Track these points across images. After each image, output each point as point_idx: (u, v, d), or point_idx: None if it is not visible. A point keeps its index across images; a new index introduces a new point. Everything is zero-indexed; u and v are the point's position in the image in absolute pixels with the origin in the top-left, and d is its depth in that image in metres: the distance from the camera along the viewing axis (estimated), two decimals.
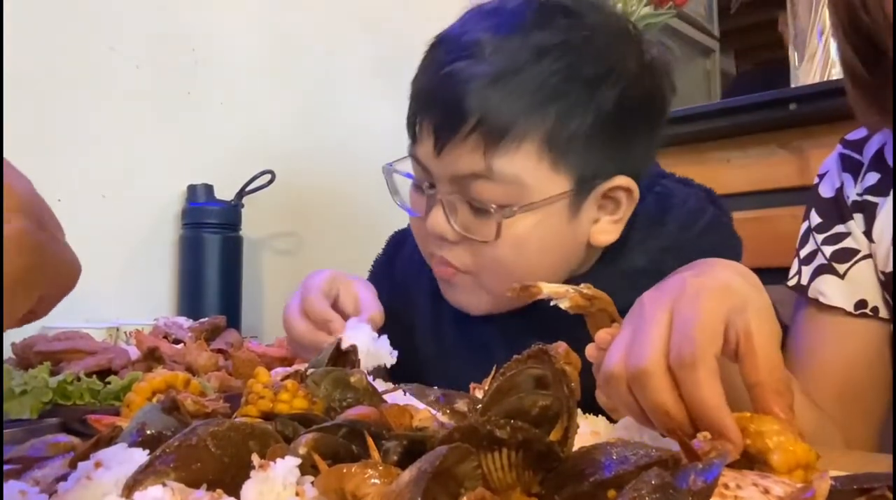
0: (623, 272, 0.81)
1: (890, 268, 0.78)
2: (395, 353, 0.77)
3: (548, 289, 0.60)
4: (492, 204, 0.74)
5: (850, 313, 0.79)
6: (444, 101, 0.75)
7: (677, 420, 0.47)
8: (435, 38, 0.81)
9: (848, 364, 0.79)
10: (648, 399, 0.48)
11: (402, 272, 0.99)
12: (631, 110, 0.77)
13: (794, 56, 1.55)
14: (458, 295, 0.84)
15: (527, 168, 0.74)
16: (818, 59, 1.49)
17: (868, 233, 0.80)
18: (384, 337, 0.78)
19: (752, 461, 0.44)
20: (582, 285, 0.59)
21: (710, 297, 0.50)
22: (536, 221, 0.76)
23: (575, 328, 0.60)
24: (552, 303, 0.60)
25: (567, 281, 0.80)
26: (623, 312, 0.64)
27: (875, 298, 0.79)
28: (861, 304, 0.79)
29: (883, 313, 0.79)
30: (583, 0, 0.80)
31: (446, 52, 0.78)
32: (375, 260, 1.07)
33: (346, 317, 0.82)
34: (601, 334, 0.61)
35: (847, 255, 0.81)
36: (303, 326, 0.82)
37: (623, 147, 0.78)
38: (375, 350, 0.76)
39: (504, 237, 0.75)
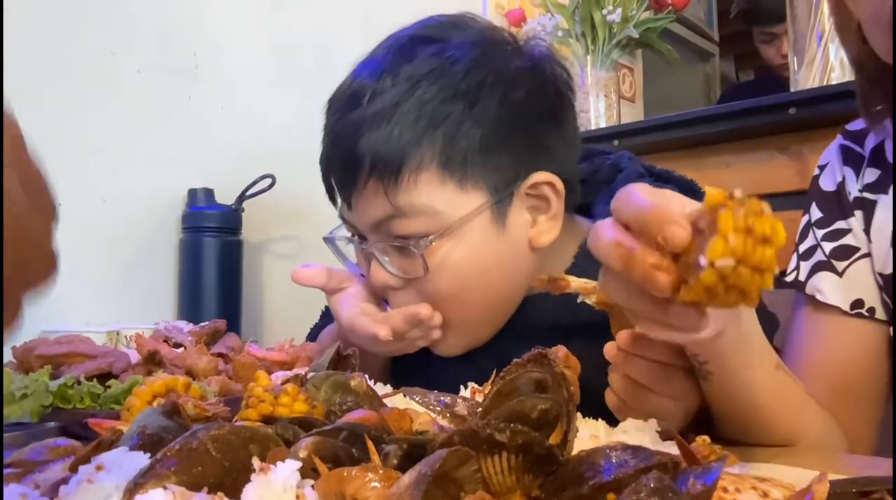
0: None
1: (887, 270, 0.77)
2: None
3: (576, 284, 0.59)
4: (410, 240, 0.75)
5: (846, 313, 0.79)
6: (338, 158, 0.78)
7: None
8: (336, 89, 0.84)
9: (843, 364, 0.78)
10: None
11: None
12: (520, 111, 0.77)
13: (793, 61, 1.56)
14: (439, 344, 0.82)
15: (432, 195, 0.75)
16: (817, 63, 1.50)
17: (868, 231, 0.79)
18: None
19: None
20: None
21: None
22: (457, 243, 0.76)
23: (560, 338, 0.60)
24: (579, 300, 0.60)
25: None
26: (594, 326, 0.63)
27: (872, 298, 0.78)
28: (857, 303, 0.78)
29: (880, 314, 0.78)
30: (447, 24, 0.82)
31: (332, 112, 0.81)
32: None
33: None
34: (623, 335, 0.60)
35: (847, 252, 0.80)
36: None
37: (529, 146, 0.78)
38: None
39: (433, 269, 0.76)
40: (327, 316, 1.04)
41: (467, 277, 0.77)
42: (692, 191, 0.89)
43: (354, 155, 0.75)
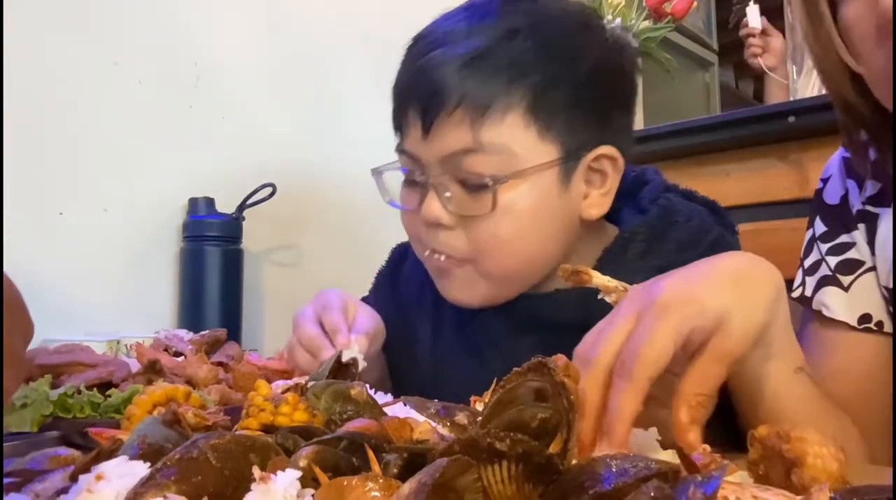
0: None
1: (892, 284, 0.76)
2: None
3: (598, 280, 0.60)
4: (485, 175, 0.77)
5: (853, 328, 0.78)
6: (427, 83, 0.78)
7: (588, 407, 0.50)
8: (410, 40, 0.85)
9: (854, 378, 0.77)
10: (582, 382, 0.51)
11: (405, 283, 1.01)
12: (604, 84, 0.82)
13: (792, 69, 1.56)
14: (457, 288, 0.84)
15: (514, 137, 0.77)
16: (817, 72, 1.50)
17: (871, 244, 0.78)
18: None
19: (789, 465, 0.43)
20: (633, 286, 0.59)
21: (673, 315, 0.52)
22: (528, 188, 0.78)
23: (572, 338, 0.60)
24: (599, 297, 0.60)
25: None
26: None
27: (879, 312, 0.77)
28: (865, 318, 0.78)
29: (888, 327, 0.77)
30: None
31: (423, 45, 0.82)
32: (379, 272, 1.08)
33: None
34: None
35: (852, 266, 0.79)
36: (313, 331, 0.82)
37: (602, 119, 0.82)
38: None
39: (499, 208, 0.77)
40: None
41: (525, 225, 0.79)
42: (715, 212, 0.90)
43: (447, 83, 0.77)
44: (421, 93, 0.79)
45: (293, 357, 0.84)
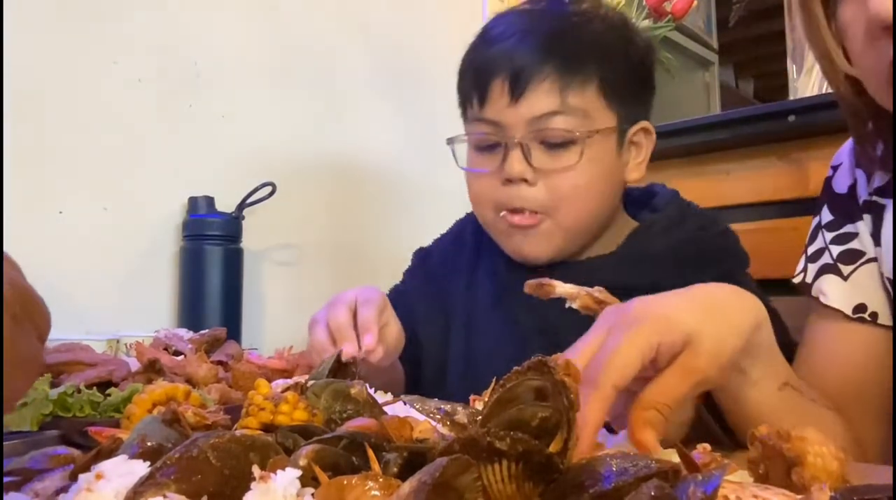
0: (644, 255, 0.94)
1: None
2: None
3: (561, 289, 0.62)
4: (572, 131, 0.89)
5: (848, 317, 0.78)
6: (517, 57, 0.91)
7: None
8: (482, 29, 0.99)
9: (845, 367, 0.78)
10: None
11: (431, 277, 1.11)
12: (641, 68, 0.98)
13: (792, 68, 1.56)
14: (532, 243, 0.94)
15: (591, 102, 0.91)
16: (817, 71, 1.50)
17: (876, 235, 0.78)
18: None
19: (789, 463, 0.43)
20: (595, 289, 0.61)
21: (642, 327, 0.53)
22: (600, 147, 0.92)
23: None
24: (567, 305, 0.62)
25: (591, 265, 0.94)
26: (641, 292, 0.68)
27: (876, 303, 0.78)
28: (860, 308, 0.78)
29: (882, 318, 0.78)
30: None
31: (499, 31, 0.95)
32: (407, 270, 1.17)
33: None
34: None
35: (853, 256, 0.80)
36: (347, 318, 0.87)
37: (640, 98, 0.98)
38: None
39: (584, 160, 0.90)
40: None
41: (598, 178, 0.93)
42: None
43: (538, 55, 0.90)
44: (512, 65, 0.91)
45: (311, 332, 0.88)
